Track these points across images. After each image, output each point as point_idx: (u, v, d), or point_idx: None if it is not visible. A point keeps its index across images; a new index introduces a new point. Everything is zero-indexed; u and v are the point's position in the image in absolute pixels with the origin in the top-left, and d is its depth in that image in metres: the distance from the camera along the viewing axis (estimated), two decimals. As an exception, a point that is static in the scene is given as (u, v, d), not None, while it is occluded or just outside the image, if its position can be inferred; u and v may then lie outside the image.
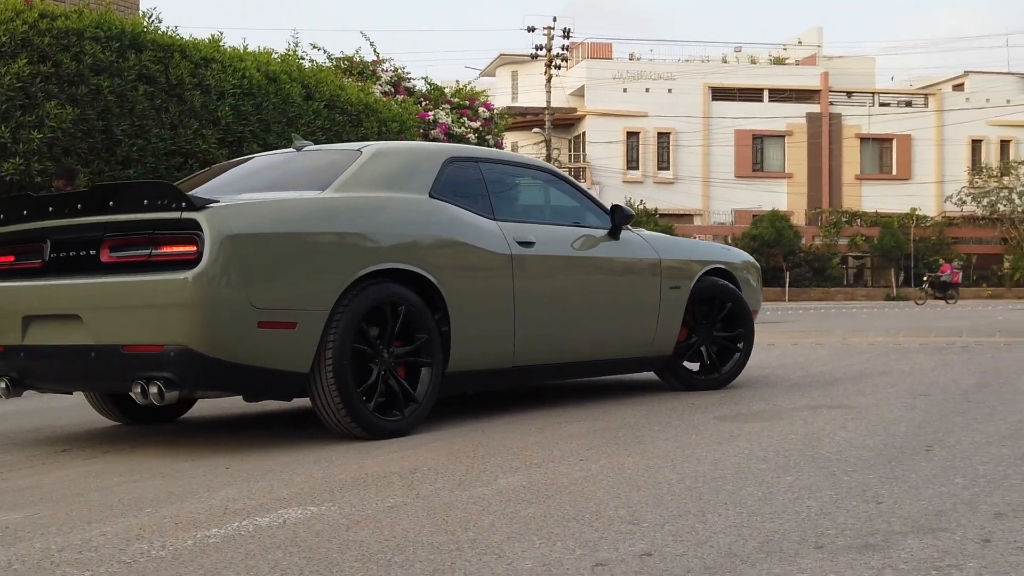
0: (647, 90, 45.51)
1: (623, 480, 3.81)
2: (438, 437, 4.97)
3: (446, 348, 5.29)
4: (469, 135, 14.86)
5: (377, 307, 4.93)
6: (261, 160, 6.03)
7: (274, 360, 4.59)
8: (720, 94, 46.56)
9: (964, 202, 41.89)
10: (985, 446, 4.39)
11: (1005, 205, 41.49)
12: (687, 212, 45.45)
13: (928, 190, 46.31)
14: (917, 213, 42.79)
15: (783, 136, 46.68)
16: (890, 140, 47.27)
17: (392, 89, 14.68)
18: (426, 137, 13.92)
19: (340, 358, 4.73)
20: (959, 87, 49.75)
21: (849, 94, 48.36)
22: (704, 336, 6.96)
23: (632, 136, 45.62)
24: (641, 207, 40.64)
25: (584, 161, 45.50)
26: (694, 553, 2.79)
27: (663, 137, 45.83)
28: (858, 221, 43.16)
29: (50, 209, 4.79)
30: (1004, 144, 47.49)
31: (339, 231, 4.88)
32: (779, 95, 47.15)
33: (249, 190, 5.21)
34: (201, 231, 4.38)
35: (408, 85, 15.20)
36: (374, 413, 4.91)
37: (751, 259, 7.61)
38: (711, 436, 4.81)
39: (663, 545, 2.88)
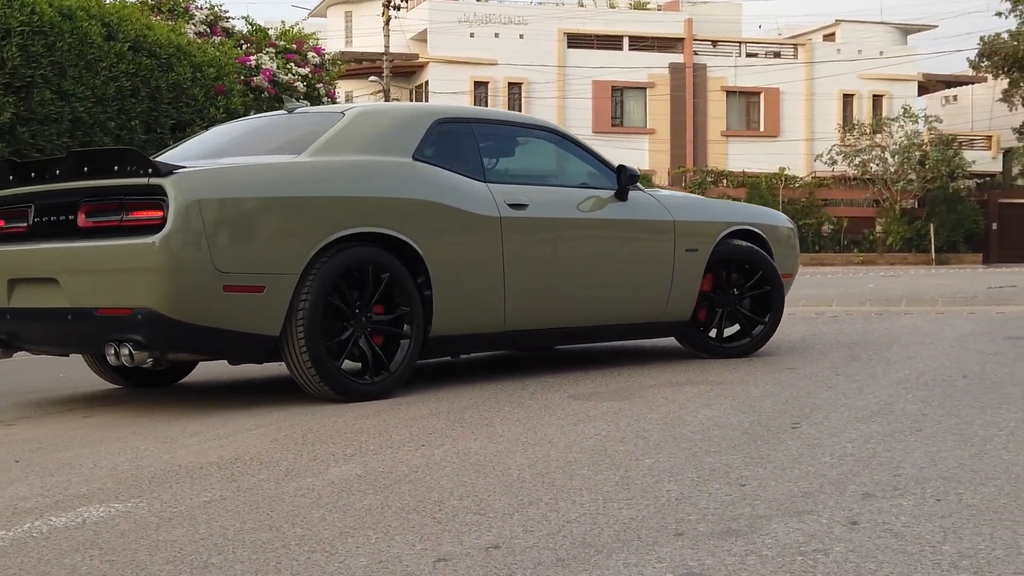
0: (497, 35, 45.55)
1: (469, 466, 3.84)
2: (262, 422, 4.92)
3: (428, 312, 5.71)
4: (297, 83, 14.63)
5: (352, 271, 5.40)
6: (248, 123, 6.60)
7: (242, 323, 5.11)
8: (576, 41, 46.93)
9: (835, 162, 43.24)
10: (854, 422, 4.57)
11: (877, 165, 42.96)
12: (541, 171, 45.76)
13: (797, 148, 47.68)
14: (786, 173, 44.03)
15: (644, 88, 47.36)
16: (758, 94, 48.45)
17: (208, 30, 14.32)
18: (247, 84, 13.65)
19: (311, 322, 5.22)
20: (830, 37, 51.26)
21: (715, 43, 49.33)
22: (727, 301, 7.20)
23: (480, 86, 45.62)
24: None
25: (427, 113, 45.30)
26: (545, 544, 2.83)
27: (514, 88, 45.97)
28: (724, 181, 44.21)
29: (32, 175, 5.34)
30: (876, 99, 49.21)
31: (309, 196, 5.33)
32: (640, 43, 47.79)
33: (230, 154, 5.78)
34: (167, 196, 4.89)
35: (227, 26, 14.85)
36: (349, 376, 5.42)
37: (787, 221, 7.87)
38: (565, 417, 4.89)
39: (512, 536, 2.91)
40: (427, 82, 45.52)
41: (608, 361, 7.18)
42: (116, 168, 5.01)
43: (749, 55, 49.62)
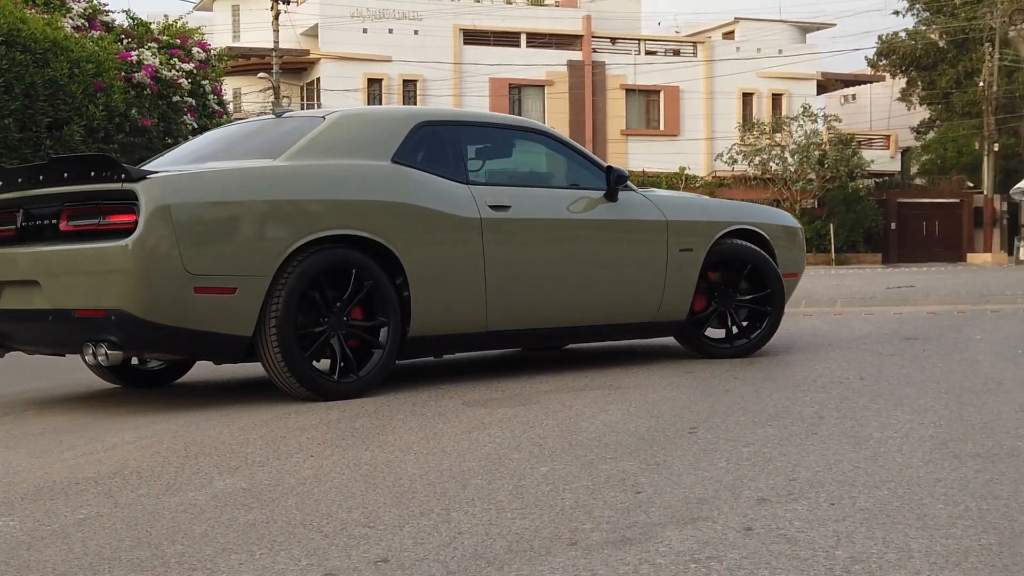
0: (391, 31, 45.42)
1: (359, 477, 3.82)
2: (144, 435, 4.85)
3: (406, 312, 5.92)
4: (181, 79, 14.44)
5: (326, 272, 5.66)
6: (237, 127, 6.97)
7: (214, 324, 5.38)
8: (473, 38, 46.98)
9: (735, 161, 43.85)
10: (751, 426, 4.64)
11: (777, 164, 43.69)
12: (437, 171, 45.55)
13: (698, 147, 48.28)
14: (686, 173, 44.54)
15: (543, 86, 47.58)
16: (657, 92, 48.95)
17: (86, 24, 14.06)
18: (129, 81, 13.43)
19: (284, 322, 5.48)
20: (729, 35, 52.00)
21: (613, 41, 49.73)
22: (725, 302, 7.36)
23: (374, 83, 45.45)
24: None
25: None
26: (435, 557, 2.83)
27: (409, 85, 45.87)
28: (624, 181, 44.53)
29: (19, 180, 5.67)
30: (776, 98, 50.03)
31: (280, 199, 5.60)
32: (538, 40, 47.99)
33: (214, 159, 6.11)
34: (138, 201, 5.18)
35: (106, 19, 14.61)
36: (324, 375, 5.70)
37: (791, 220, 8.01)
38: (460, 424, 4.89)
39: (401, 549, 2.91)
40: (319, 79, 45.24)
41: (505, 366, 7.20)
42: (92, 174, 5.32)
43: (648, 53, 50.09)
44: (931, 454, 3.97)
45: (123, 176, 5.25)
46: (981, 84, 46.78)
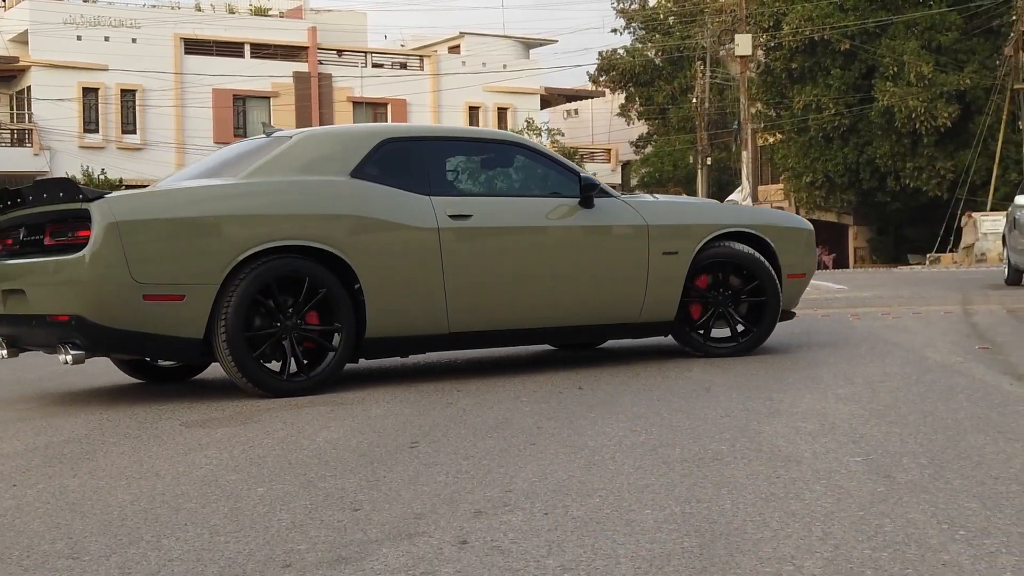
0: (107, 39, 43.95)
1: (65, 506, 3.68)
2: None
3: (361, 316, 6.36)
4: None
5: (278, 280, 6.15)
6: (231, 147, 7.45)
7: (165, 328, 5.95)
8: (194, 47, 45.96)
9: (463, 174, 44.38)
10: (471, 438, 4.70)
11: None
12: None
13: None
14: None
15: (268, 97, 47.01)
16: (384, 105, 49.11)
17: None
18: None
19: (233, 326, 5.99)
20: (455, 50, 52.69)
21: (340, 53, 49.62)
22: (719, 302, 7.54)
23: (90, 93, 43.86)
24: (103, 177, 39.29)
25: (30, 122, 43.13)
26: (143, 587, 2.75)
27: (127, 95, 44.49)
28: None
29: (18, 201, 6.31)
30: (502, 112, 50.99)
31: (228, 214, 6.14)
32: (262, 51, 47.37)
33: (192, 178, 6.83)
34: (92, 219, 5.79)
35: None
36: (274, 375, 6.21)
37: (798, 222, 8.09)
38: (176, 446, 4.78)
39: (107, 581, 2.81)
40: (29, 87, 43.37)
41: (227, 386, 7.05)
42: (61, 195, 6.00)
43: (375, 65, 50.23)
44: (641, 460, 4.12)
45: (81, 197, 5.87)
46: (694, 100, 48.95)
